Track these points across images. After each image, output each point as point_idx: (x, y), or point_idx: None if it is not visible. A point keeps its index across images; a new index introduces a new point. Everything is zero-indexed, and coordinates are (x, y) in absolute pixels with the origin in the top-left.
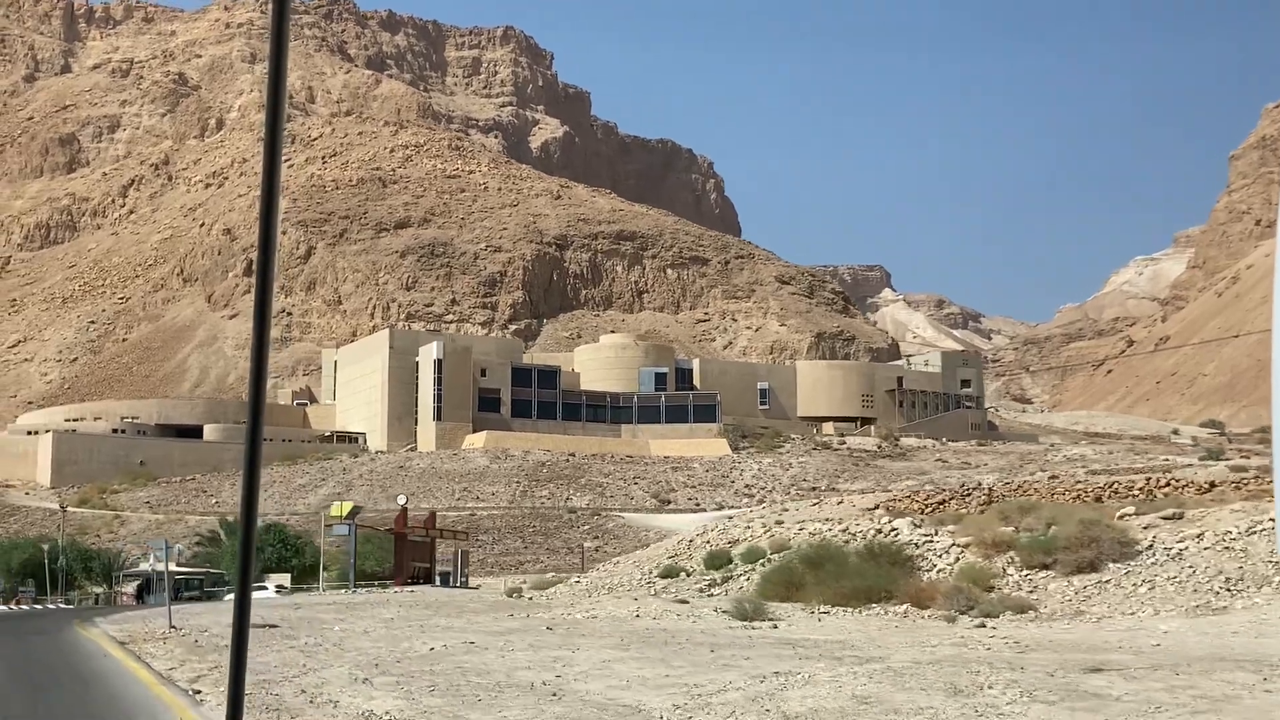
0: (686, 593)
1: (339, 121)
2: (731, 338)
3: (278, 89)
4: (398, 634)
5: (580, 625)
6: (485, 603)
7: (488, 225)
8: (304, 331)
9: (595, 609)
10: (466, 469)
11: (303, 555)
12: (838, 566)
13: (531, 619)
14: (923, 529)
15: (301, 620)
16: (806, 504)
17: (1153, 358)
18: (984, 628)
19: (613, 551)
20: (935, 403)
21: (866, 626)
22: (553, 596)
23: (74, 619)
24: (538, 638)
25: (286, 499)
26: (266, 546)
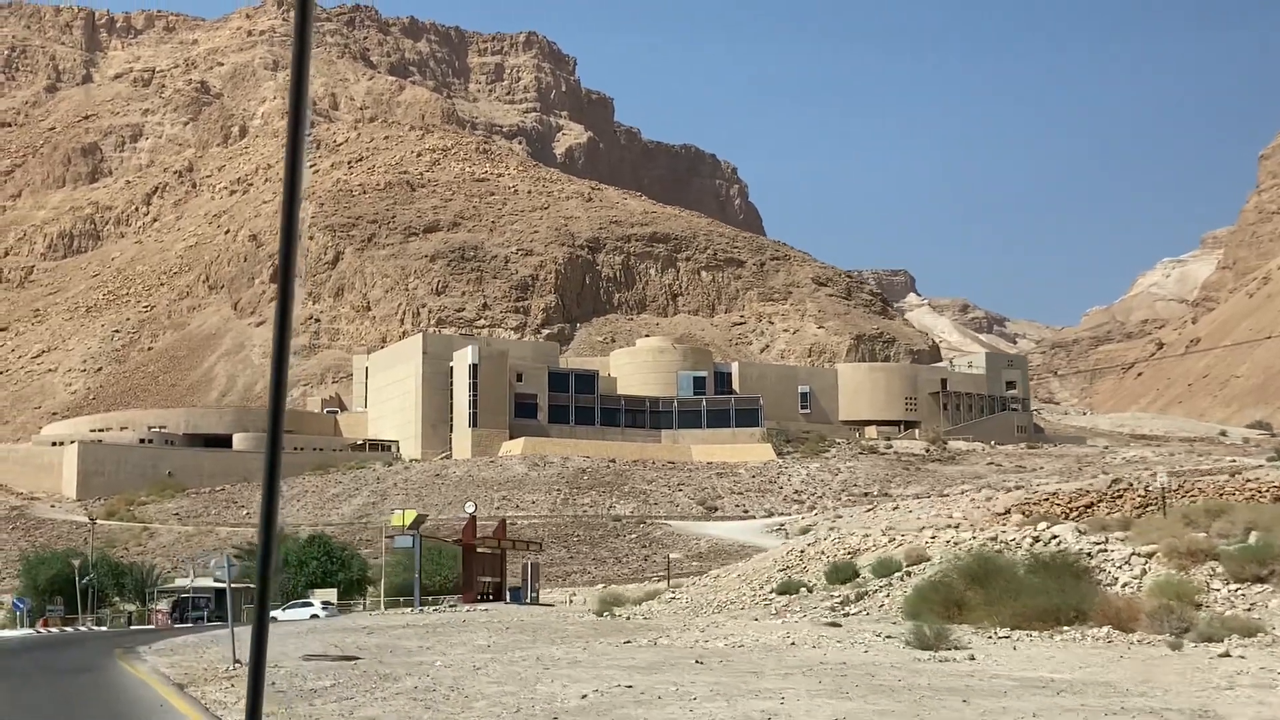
0: (814, 611)
1: (364, 126)
2: (768, 341)
3: (300, 95)
4: (518, 670)
5: (733, 657)
6: (584, 624)
7: (518, 228)
8: (332, 338)
9: (728, 633)
10: (505, 477)
11: (349, 569)
12: (1009, 582)
13: (660, 647)
14: (1090, 536)
15: (384, 650)
16: (907, 509)
17: (1183, 360)
18: (1229, 657)
19: (663, 561)
20: (980, 405)
21: (1078, 656)
22: (652, 615)
23: (113, 647)
24: (703, 676)
25: (319, 509)
26: (310, 560)
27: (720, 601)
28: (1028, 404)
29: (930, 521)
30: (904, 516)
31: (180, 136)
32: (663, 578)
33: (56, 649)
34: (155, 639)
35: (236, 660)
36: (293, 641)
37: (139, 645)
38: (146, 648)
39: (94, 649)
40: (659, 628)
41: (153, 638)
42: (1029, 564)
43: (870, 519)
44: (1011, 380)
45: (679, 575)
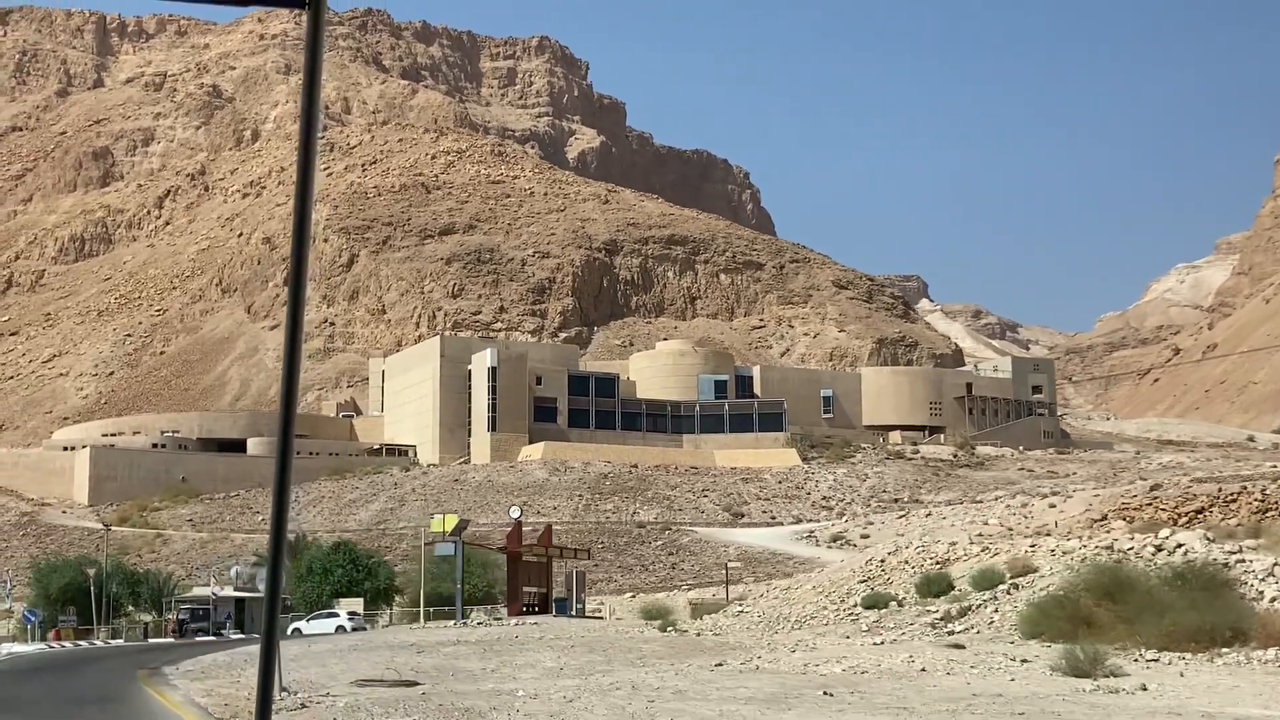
0: (910, 628)
1: (378, 129)
2: (789, 345)
3: (311, 103)
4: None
5: (863, 686)
6: (656, 642)
7: (534, 231)
8: (347, 342)
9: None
10: (525, 482)
11: (375, 577)
12: (1147, 597)
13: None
14: (1221, 545)
15: (443, 672)
16: (941, 516)
17: (1200, 366)
18: None
19: (691, 569)
20: (1006, 410)
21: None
22: (724, 630)
23: (134, 666)
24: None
25: (337, 515)
26: (335, 568)
27: (798, 616)
28: (1054, 409)
29: (966, 528)
30: (938, 523)
31: (192, 141)
32: (692, 586)
33: (71, 670)
34: (180, 656)
35: (283, 688)
36: (336, 662)
37: (164, 664)
38: (173, 668)
39: (113, 669)
40: (740, 646)
41: (177, 654)
42: (1163, 576)
43: (904, 526)
44: (1038, 384)
45: (711, 583)
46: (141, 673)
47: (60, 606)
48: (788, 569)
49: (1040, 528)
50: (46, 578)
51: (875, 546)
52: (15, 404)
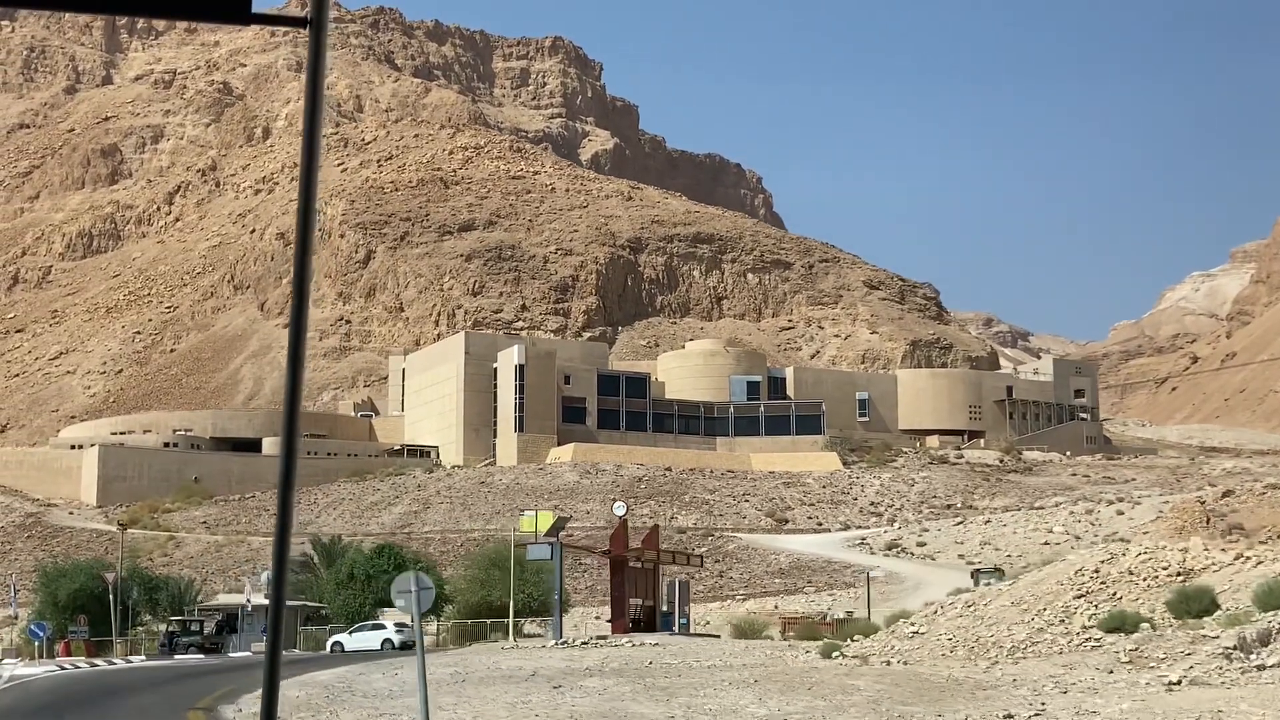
0: (1189, 658)
1: (392, 125)
2: (819, 346)
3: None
4: None
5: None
6: (872, 677)
7: (557, 227)
8: (364, 340)
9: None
10: (555, 484)
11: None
12: None
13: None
14: None
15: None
16: (1000, 523)
17: (1219, 374)
18: None
19: (741, 577)
20: (1048, 414)
21: None
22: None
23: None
24: None
25: (358, 517)
26: (379, 574)
27: (1008, 641)
28: (1097, 413)
29: (1029, 536)
30: (998, 530)
31: (202, 138)
32: (746, 596)
33: (96, 709)
34: (231, 685)
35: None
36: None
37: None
38: (234, 709)
39: (151, 708)
40: (984, 684)
41: (224, 682)
42: None
43: (962, 533)
44: (1080, 388)
45: (766, 593)
46: (194, 716)
47: (70, 615)
48: (846, 578)
49: (1111, 534)
50: (54, 582)
51: (1080, 554)
52: (20, 402)
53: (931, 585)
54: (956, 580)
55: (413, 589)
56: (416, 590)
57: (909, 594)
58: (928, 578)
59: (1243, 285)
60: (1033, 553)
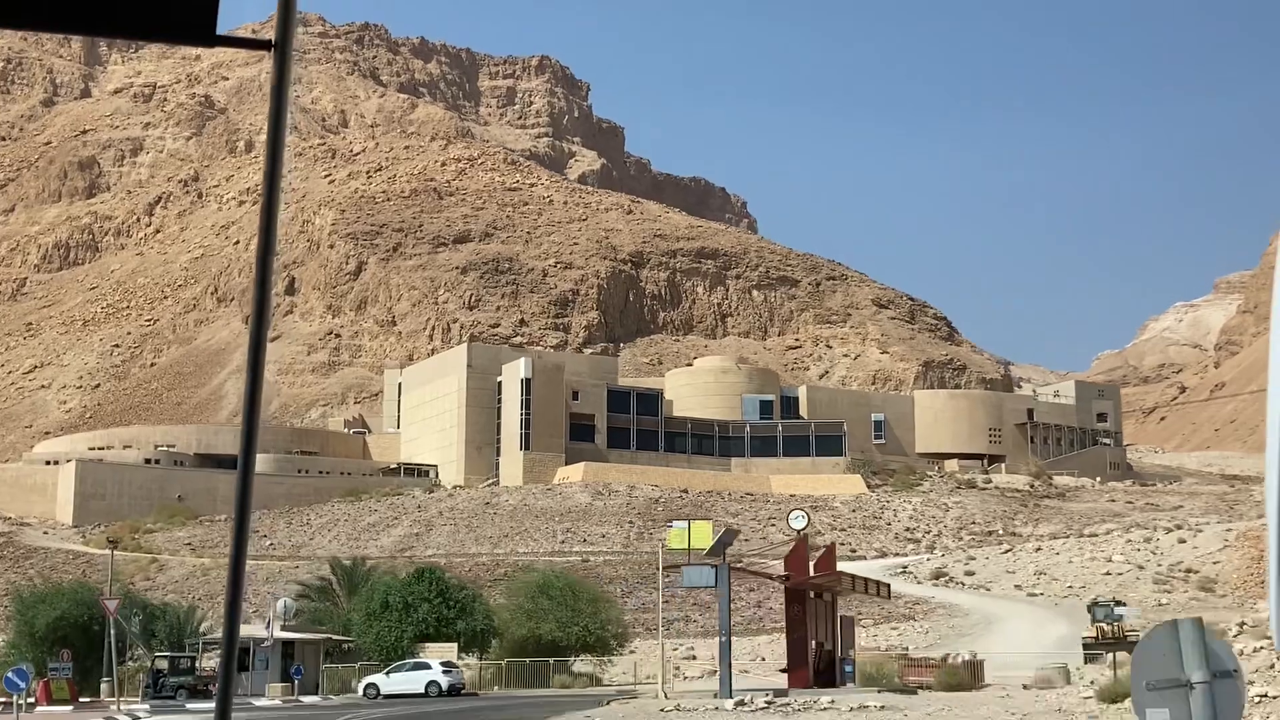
0: None
1: (381, 136)
2: (827, 366)
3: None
4: None
5: None
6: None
7: (556, 240)
8: (354, 355)
9: None
10: (566, 506)
11: (470, 615)
12: None
13: None
14: None
15: None
16: (1053, 551)
17: (1208, 405)
18: None
19: (779, 608)
20: (1070, 438)
21: None
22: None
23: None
24: None
25: (354, 539)
26: (419, 603)
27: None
28: (1120, 438)
29: (1086, 565)
30: (1051, 559)
31: (182, 151)
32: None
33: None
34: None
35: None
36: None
37: None
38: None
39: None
40: None
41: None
42: None
43: (1012, 561)
44: (1103, 412)
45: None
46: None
47: (49, 648)
48: (899, 610)
49: (1176, 563)
50: (31, 609)
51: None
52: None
53: (1004, 619)
54: (1025, 612)
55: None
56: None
57: (981, 630)
58: (994, 610)
59: (1227, 316)
60: (1096, 583)
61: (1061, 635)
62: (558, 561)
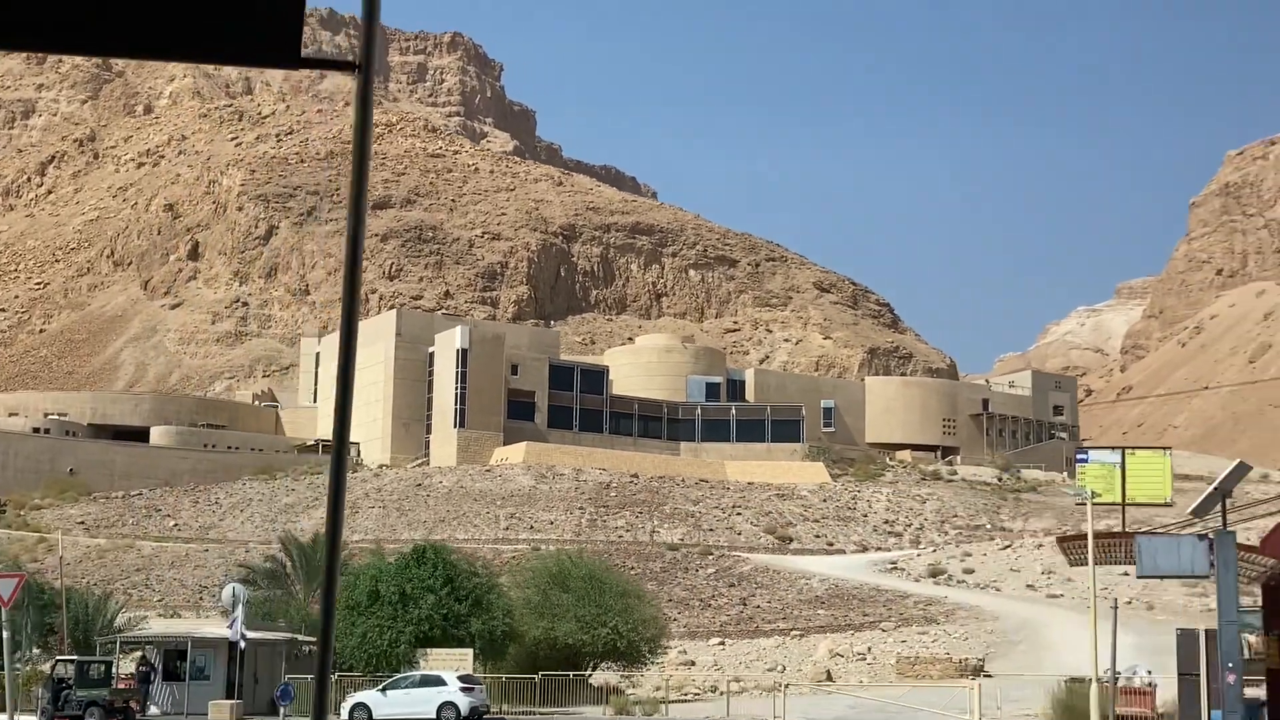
0: None
1: (293, 99)
2: (768, 351)
3: (362, 163)
4: None
5: None
6: None
7: (483, 210)
8: (263, 325)
9: None
10: (507, 490)
11: (488, 613)
12: None
13: None
14: None
15: None
16: (1054, 549)
17: (1115, 408)
18: None
19: (771, 606)
20: (1025, 431)
21: None
22: None
23: None
24: None
25: (271, 522)
26: (422, 594)
27: None
28: (1076, 432)
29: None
30: (1056, 557)
31: (77, 115)
32: (787, 630)
33: None
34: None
35: None
36: None
37: None
38: None
39: None
40: None
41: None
42: None
43: (1012, 558)
44: (1059, 404)
45: (811, 629)
46: None
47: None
48: (909, 610)
49: None
50: None
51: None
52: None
53: (1046, 625)
54: (1063, 617)
55: None
56: None
57: (1029, 637)
58: (1027, 615)
59: (1129, 321)
60: (1115, 585)
61: (1137, 644)
62: (504, 550)
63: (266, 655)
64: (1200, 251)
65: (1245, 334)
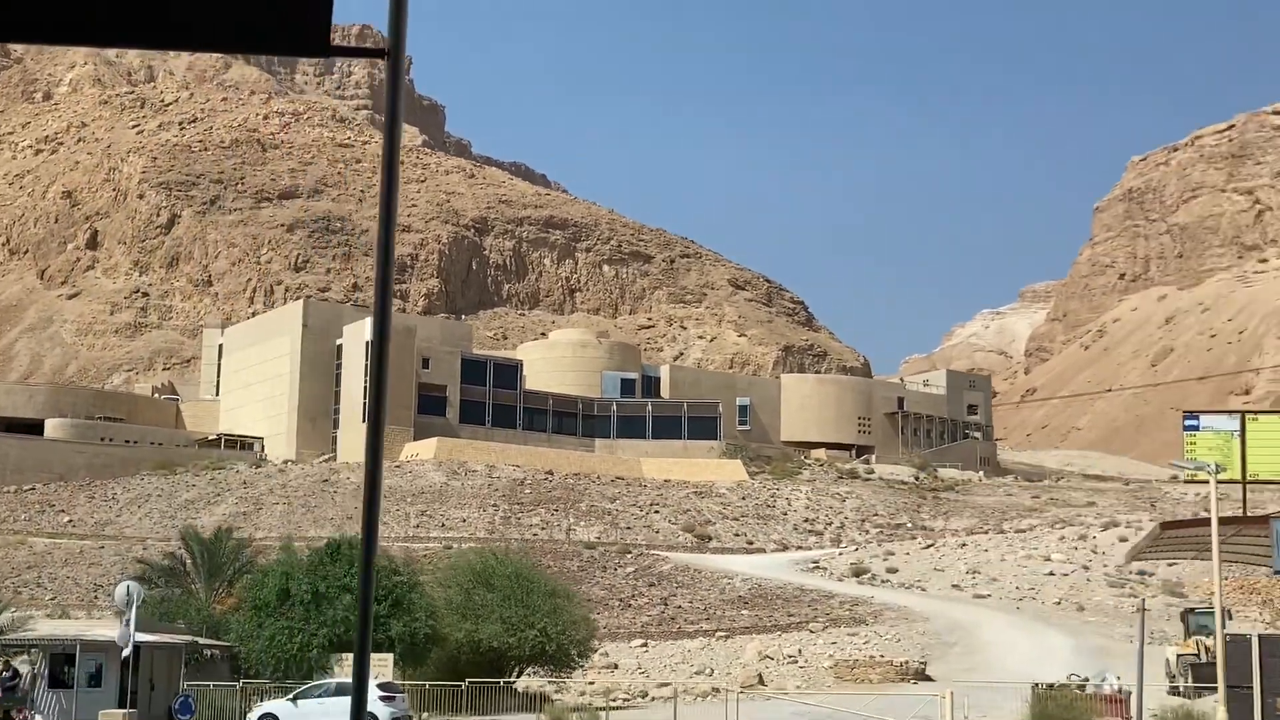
0: None
1: (197, 87)
2: (682, 348)
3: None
4: None
5: None
6: None
7: None
8: (164, 316)
9: None
10: (418, 486)
11: (410, 613)
12: None
13: None
14: None
15: None
16: (979, 547)
17: (1020, 410)
18: None
19: (694, 606)
20: (940, 430)
21: None
22: None
23: None
24: None
25: (170, 518)
26: (338, 594)
27: None
28: (990, 432)
29: (1023, 564)
30: (980, 556)
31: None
32: (712, 631)
33: None
34: None
35: None
36: None
37: None
38: None
39: None
40: None
41: None
42: None
43: (936, 557)
44: (974, 404)
45: (736, 630)
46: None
47: None
48: (835, 610)
49: (1123, 564)
50: None
51: None
52: None
53: (978, 626)
54: (992, 618)
55: None
56: None
57: (964, 639)
58: (958, 616)
59: (1033, 324)
60: (1041, 585)
61: (1075, 646)
62: (416, 548)
63: (164, 660)
64: (1103, 256)
65: (1147, 338)
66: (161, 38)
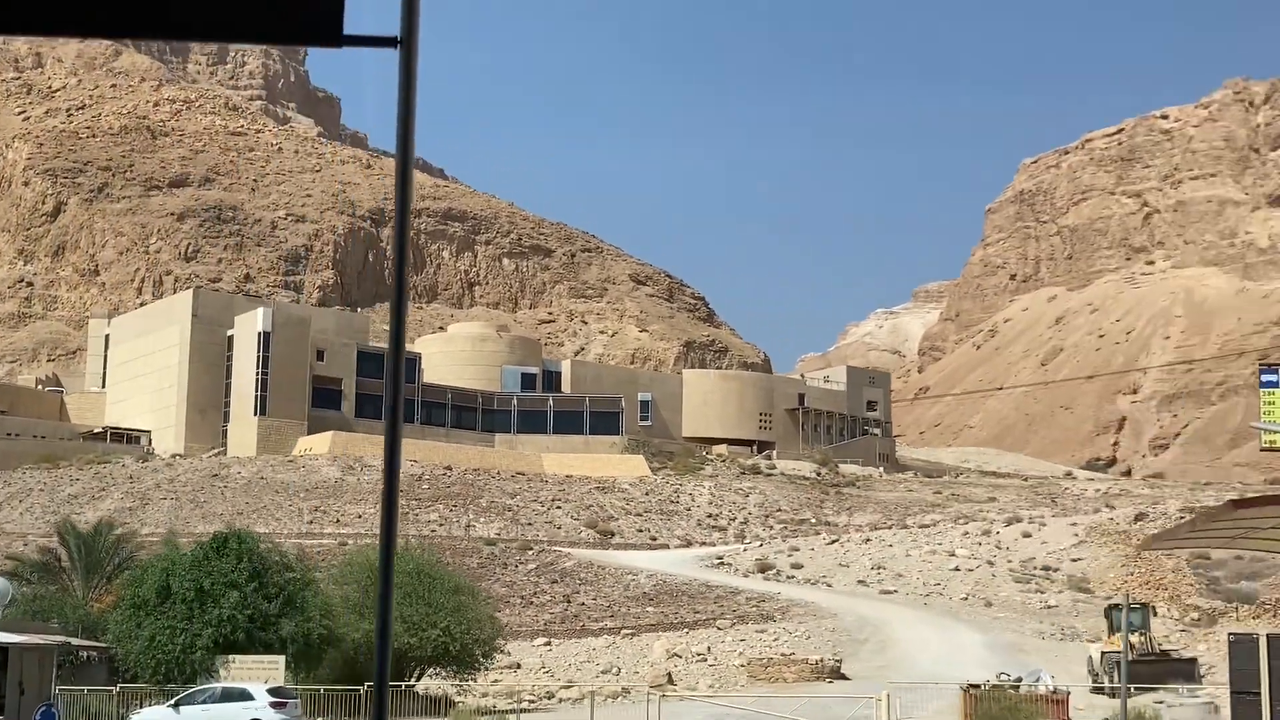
0: None
1: (86, 74)
2: (583, 342)
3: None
4: None
5: None
6: None
7: (286, 190)
8: (49, 306)
9: None
10: (312, 481)
11: (302, 612)
12: None
13: None
14: None
15: None
16: (884, 542)
17: (913, 407)
18: None
19: (598, 604)
20: (840, 426)
21: None
22: None
23: None
24: None
25: (53, 513)
26: (225, 591)
27: None
28: (889, 428)
29: (928, 559)
30: (884, 552)
31: None
32: (619, 628)
33: None
34: None
35: None
36: None
37: None
38: None
39: None
40: None
41: None
42: None
43: (841, 553)
44: (873, 400)
45: (641, 627)
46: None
47: None
48: (742, 607)
49: (1028, 559)
50: None
51: None
52: None
53: (888, 623)
54: (900, 614)
55: None
56: None
57: (875, 635)
58: (866, 612)
59: (926, 323)
60: (947, 580)
61: (988, 643)
62: (308, 545)
63: (34, 661)
64: (995, 257)
65: (1037, 337)
66: (174, 28)
